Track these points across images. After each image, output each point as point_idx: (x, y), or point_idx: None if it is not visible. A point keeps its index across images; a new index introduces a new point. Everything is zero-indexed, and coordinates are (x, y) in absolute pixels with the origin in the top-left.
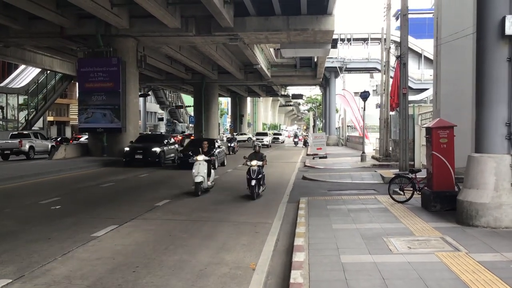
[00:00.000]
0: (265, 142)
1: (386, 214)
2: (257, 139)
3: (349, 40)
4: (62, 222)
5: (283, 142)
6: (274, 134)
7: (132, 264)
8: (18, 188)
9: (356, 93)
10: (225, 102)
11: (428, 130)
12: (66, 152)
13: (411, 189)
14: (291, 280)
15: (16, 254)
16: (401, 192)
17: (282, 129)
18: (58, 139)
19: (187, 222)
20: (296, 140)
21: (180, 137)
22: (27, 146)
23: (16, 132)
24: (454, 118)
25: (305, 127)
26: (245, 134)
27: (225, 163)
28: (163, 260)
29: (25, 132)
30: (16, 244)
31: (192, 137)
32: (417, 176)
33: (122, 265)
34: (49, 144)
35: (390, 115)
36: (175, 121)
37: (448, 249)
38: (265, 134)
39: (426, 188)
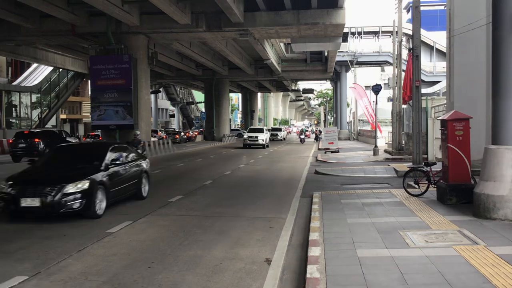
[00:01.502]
0: (259, 142)
1: (401, 207)
2: (249, 137)
3: (359, 33)
4: (77, 218)
5: (284, 139)
6: (272, 129)
7: (148, 260)
8: None
9: (367, 87)
10: (235, 98)
11: (443, 122)
12: None
13: (426, 182)
14: (308, 275)
15: (32, 251)
16: (416, 186)
17: (292, 124)
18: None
19: (201, 218)
20: (302, 136)
21: (196, 133)
22: None
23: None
24: (468, 110)
25: (316, 122)
26: (237, 129)
27: (145, 194)
28: (178, 256)
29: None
30: (31, 241)
31: (196, 133)
32: (432, 169)
33: (138, 261)
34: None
35: (403, 108)
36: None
37: (466, 242)
38: (260, 131)
39: (441, 181)
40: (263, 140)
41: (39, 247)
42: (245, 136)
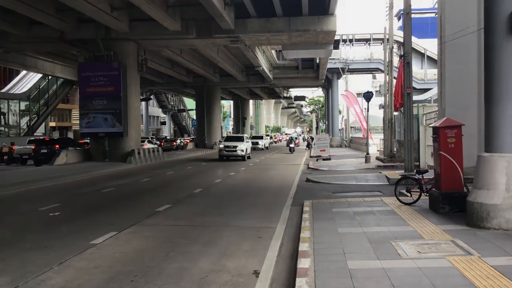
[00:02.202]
0: (238, 153)
1: (393, 216)
2: (225, 147)
3: (351, 41)
4: (60, 229)
5: (266, 147)
6: (253, 137)
7: (131, 273)
8: (17, 195)
9: (358, 94)
10: (227, 105)
11: (435, 129)
12: (67, 157)
13: (418, 190)
14: None
15: (10, 264)
16: (408, 194)
17: (283, 132)
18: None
19: (188, 228)
20: (292, 145)
21: (188, 140)
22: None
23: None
24: (460, 117)
25: (308, 129)
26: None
27: None
28: (163, 268)
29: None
30: (11, 253)
31: (188, 141)
32: (424, 177)
33: (121, 274)
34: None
35: (394, 115)
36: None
37: (460, 253)
38: (240, 139)
39: (434, 189)
40: (242, 150)
41: (19, 260)
42: (221, 146)
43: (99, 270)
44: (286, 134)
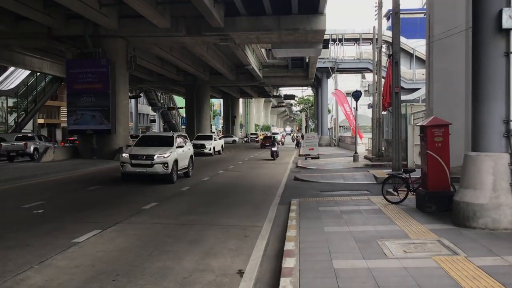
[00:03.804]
0: (157, 169)
1: (380, 215)
2: (133, 157)
3: (340, 40)
4: (43, 227)
5: (218, 152)
6: (198, 138)
7: (113, 272)
8: (1, 192)
9: (348, 93)
10: (217, 104)
11: (423, 128)
12: (55, 154)
13: (405, 189)
14: None
15: None
16: (395, 193)
17: (271, 130)
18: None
19: (174, 226)
20: (274, 149)
21: None
22: (31, 148)
23: (21, 135)
24: (447, 116)
25: (297, 128)
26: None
27: None
28: (146, 268)
29: (29, 134)
30: None
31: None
32: (411, 176)
33: (102, 273)
34: (52, 146)
35: (383, 114)
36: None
37: (446, 252)
38: (166, 141)
39: (420, 188)
40: (166, 164)
41: None
42: (125, 156)
43: (80, 269)
44: (273, 133)
